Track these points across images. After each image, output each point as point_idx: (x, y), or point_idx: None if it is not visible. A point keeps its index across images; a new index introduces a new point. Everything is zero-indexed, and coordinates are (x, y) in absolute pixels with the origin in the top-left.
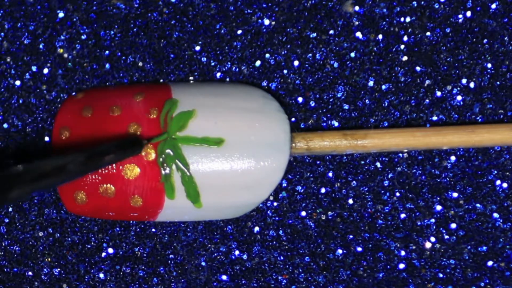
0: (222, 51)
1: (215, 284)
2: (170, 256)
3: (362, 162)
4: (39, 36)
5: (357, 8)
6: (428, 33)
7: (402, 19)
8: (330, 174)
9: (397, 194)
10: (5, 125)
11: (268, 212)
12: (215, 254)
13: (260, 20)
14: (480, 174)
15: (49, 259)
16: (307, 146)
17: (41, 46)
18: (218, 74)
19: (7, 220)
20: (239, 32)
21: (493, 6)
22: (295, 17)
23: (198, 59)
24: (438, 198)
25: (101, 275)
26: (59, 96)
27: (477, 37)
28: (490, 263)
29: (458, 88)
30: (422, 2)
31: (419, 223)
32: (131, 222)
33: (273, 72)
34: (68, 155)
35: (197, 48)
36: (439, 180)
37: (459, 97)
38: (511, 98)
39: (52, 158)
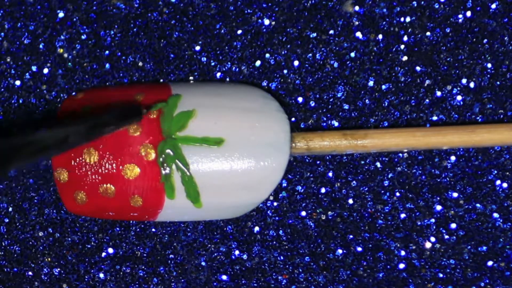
0: (222, 51)
1: (215, 284)
2: (170, 256)
3: (362, 162)
4: (39, 36)
5: (357, 8)
6: (428, 33)
7: (402, 19)
8: (330, 174)
9: (397, 194)
10: (5, 125)
11: (268, 212)
12: (215, 254)
13: (260, 20)
14: (480, 174)
15: (49, 259)
16: (307, 146)
17: (41, 46)
18: (218, 74)
19: (7, 220)
20: (239, 32)
21: (493, 6)
22: (295, 17)
23: (198, 59)
24: (438, 198)
25: (101, 275)
26: (59, 96)
27: (477, 37)
28: (490, 263)
29: (458, 88)
30: (422, 2)
31: (419, 223)
32: (131, 222)
33: (273, 72)
34: (69, 127)
35: (197, 48)
36: (439, 180)
37: (459, 97)
38: (511, 98)
39: (54, 129)
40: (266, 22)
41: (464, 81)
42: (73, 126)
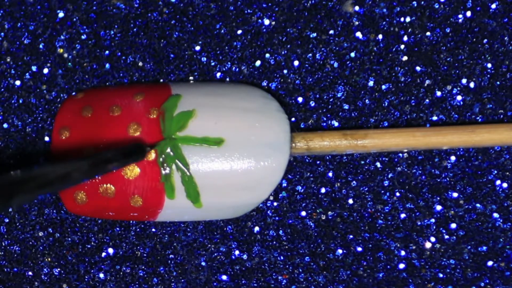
0: (222, 51)
1: (215, 284)
2: (170, 256)
3: (362, 162)
4: (39, 36)
5: (357, 8)
6: (428, 33)
7: (402, 19)
8: (330, 174)
9: (397, 194)
10: (5, 125)
11: (268, 212)
12: (215, 254)
13: (260, 20)
14: (480, 174)
15: (49, 259)
16: (307, 146)
17: (41, 46)
18: (218, 74)
19: (7, 220)
20: (239, 32)
21: (493, 6)
22: (295, 17)
23: (198, 59)
24: (438, 198)
25: (101, 275)
26: (59, 96)
27: (477, 37)
28: (490, 263)
29: (458, 88)
30: (422, 2)
31: (419, 223)
32: (131, 222)
33: (273, 72)
34: (71, 163)
35: (197, 48)
36: (439, 180)
37: (459, 97)
38: (511, 98)
39: (56, 165)
40: (266, 22)
41: (464, 81)
42: (76, 162)
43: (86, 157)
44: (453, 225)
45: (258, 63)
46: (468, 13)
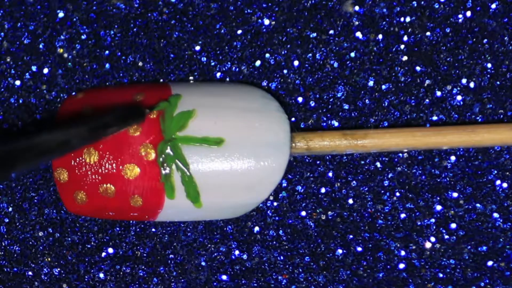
0: (222, 51)
1: (215, 284)
2: (170, 256)
3: (362, 162)
4: (39, 36)
5: (357, 8)
6: (428, 33)
7: (402, 19)
8: (330, 174)
9: (397, 194)
10: (5, 125)
11: (268, 212)
12: (215, 254)
13: (260, 20)
14: (480, 174)
15: (49, 259)
16: (307, 146)
17: (41, 46)
18: (218, 74)
19: (7, 220)
20: (239, 32)
21: (493, 6)
22: (295, 17)
23: (198, 59)
24: (438, 198)
25: (101, 275)
26: (59, 96)
27: (477, 37)
28: (490, 263)
29: (458, 88)
30: (422, 2)
31: (419, 223)
32: (131, 222)
33: (273, 72)
34: (71, 129)
35: (197, 48)
36: (439, 180)
37: (459, 97)
38: (511, 98)
39: (56, 132)
40: (266, 22)
41: (464, 81)
42: (75, 128)
43: (85, 122)
44: (453, 225)
45: (258, 63)
46: (468, 13)
